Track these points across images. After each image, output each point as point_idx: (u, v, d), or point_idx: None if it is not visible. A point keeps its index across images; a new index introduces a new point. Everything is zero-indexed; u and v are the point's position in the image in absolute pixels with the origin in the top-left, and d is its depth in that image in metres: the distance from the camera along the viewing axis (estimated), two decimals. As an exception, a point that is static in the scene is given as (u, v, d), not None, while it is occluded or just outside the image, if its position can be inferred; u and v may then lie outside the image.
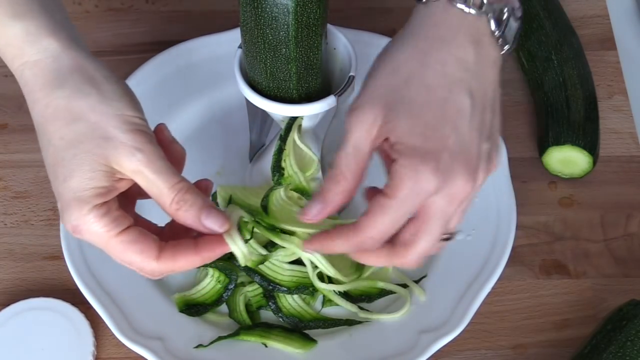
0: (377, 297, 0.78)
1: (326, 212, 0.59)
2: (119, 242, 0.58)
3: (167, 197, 0.57)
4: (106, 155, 0.56)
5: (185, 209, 0.58)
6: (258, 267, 0.76)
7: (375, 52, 0.88)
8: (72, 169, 0.57)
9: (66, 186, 0.57)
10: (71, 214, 0.57)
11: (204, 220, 0.58)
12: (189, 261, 0.59)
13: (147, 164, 0.57)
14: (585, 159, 0.84)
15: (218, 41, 0.89)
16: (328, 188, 0.59)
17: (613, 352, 0.71)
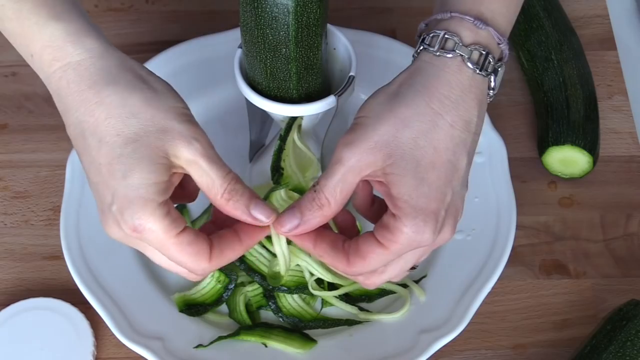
0: (377, 297, 0.78)
1: (300, 230, 0.61)
2: (177, 243, 0.58)
3: (220, 187, 0.58)
4: (165, 147, 0.57)
5: (236, 199, 0.59)
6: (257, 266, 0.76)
7: (375, 52, 0.89)
8: (132, 164, 0.56)
9: (127, 183, 0.56)
10: (134, 213, 0.56)
11: (252, 210, 0.59)
12: (235, 252, 0.61)
13: (203, 153, 0.58)
14: (585, 159, 0.84)
15: (218, 41, 0.89)
16: (308, 208, 0.60)
17: (613, 352, 0.71)
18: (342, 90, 0.71)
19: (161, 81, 0.61)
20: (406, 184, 0.58)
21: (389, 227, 0.59)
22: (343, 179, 0.59)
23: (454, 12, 0.61)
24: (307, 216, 0.60)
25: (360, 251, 0.60)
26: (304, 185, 0.76)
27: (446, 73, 0.60)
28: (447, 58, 0.60)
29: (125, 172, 0.56)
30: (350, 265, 0.61)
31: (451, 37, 0.60)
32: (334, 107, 0.71)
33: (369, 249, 0.60)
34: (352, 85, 0.72)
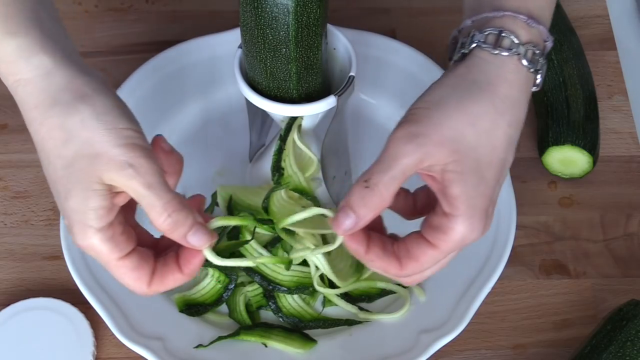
0: (377, 297, 0.78)
1: (358, 227, 0.59)
2: (120, 266, 0.58)
3: (159, 215, 0.57)
4: (98, 172, 0.56)
5: (179, 229, 0.58)
6: (258, 267, 0.76)
7: (375, 52, 0.89)
8: (70, 188, 0.56)
9: (67, 206, 0.57)
10: (76, 235, 0.57)
11: (189, 238, 0.58)
12: (176, 281, 0.60)
13: (138, 179, 0.56)
14: (585, 159, 0.84)
15: (218, 41, 0.89)
16: (363, 204, 0.58)
17: (613, 352, 0.71)
18: (342, 90, 0.71)
19: (109, 99, 0.58)
20: (467, 183, 0.57)
21: (441, 227, 0.58)
22: (401, 173, 0.58)
23: (507, 10, 0.61)
24: (362, 213, 0.58)
25: (411, 254, 0.60)
26: (305, 185, 0.76)
27: (505, 72, 0.60)
28: (504, 56, 0.60)
29: (65, 194, 0.57)
30: (402, 269, 0.60)
31: (507, 36, 0.60)
32: (334, 107, 0.71)
33: (421, 251, 0.59)
34: (352, 85, 0.72)
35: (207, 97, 0.89)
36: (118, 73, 0.90)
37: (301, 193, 0.76)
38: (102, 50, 0.95)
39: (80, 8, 0.98)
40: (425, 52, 0.88)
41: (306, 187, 0.76)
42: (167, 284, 0.60)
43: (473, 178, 0.58)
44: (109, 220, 0.57)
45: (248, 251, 0.76)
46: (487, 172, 0.58)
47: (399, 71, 0.88)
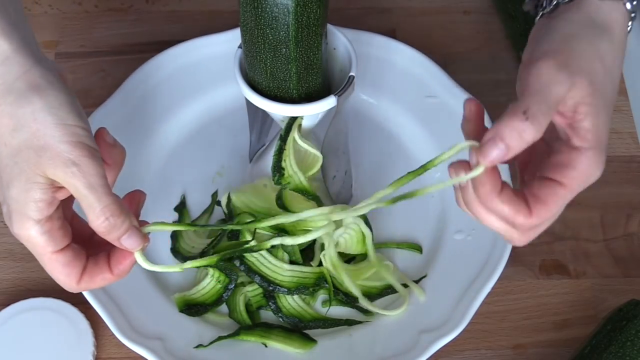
0: (377, 297, 0.78)
1: (505, 158, 0.56)
2: (52, 260, 0.59)
3: (97, 217, 0.57)
4: (43, 166, 0.56)
5: (114, 232, 0.58)
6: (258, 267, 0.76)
7: (375, 52, 0.89)
8: (13, 177, 0.57)
9: (8, 194, 0.57)
10: (14, 223, 0.58)
11: (123, 240, 0.59)
12: (105, 280, 0.61)
13: (81, 178, 0.56)
14: (585, 159, 0.84)
15: (218, 41, 0.89)
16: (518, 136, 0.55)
17: (613, 352, 0.71)
18: (342, 90, 0.71)
19: (63, 94, 0.58)
20: (600, 116, 0.58)
21: (570, 163, 0.57)
22: (556, 102, 0.56)
23: None
24: (513, 144, 0.55)
25: (540, 197, 0.58)
26: (305, 185, 0.76)
27: (616, 14, 0.61)
28: (610, 1, 0.61)
29: (7, 183, 0.57)
30: (532, 215, 0.58)
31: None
32: (334, 107, 0.71)
33: (551, 191, 0.58)
34: (352, 85, 0.72)
35: (207, 97, 0.89)
36: (118, 73, 0.90)
37: (302, 193, 0.76)
38: (102, 50, 0.95)
39: (80, 8, 0.98)
40: (425, 52, 0.88)
41: (307, 187, 0.76)
42: (96, 283, 0.61)
43: (604, 112, 0.58)
44: (48, 213, 0.57)
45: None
46: (609, 108, 0.59)
47: (399, 71, 0.88)
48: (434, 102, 0.86)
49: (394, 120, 0.89)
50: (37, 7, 0.98)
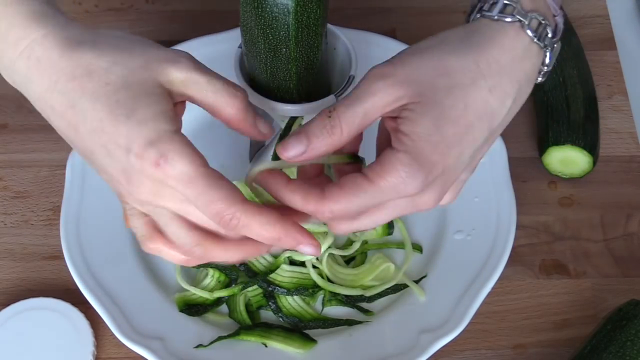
0: (377, 297, 0.78)
1: (306, 157, 0.57)
2: (205, 174, 0.53)
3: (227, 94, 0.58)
4: (154, 77, 0.56)
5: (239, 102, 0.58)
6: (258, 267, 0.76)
7: (375, 52, 0.89)
8: (131, 104, 0.54)
9: (135, 122, 0.53)
10: (154, 146, 0.53)
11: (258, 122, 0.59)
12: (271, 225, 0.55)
13: (193, 67, 0.57)
14: (585, 159, 0.84)
15: (218, 41, 0.89)
16: (318, 134, 0.56)
17: (613, 352, 0.71)
18: (342, 90, 0.71)
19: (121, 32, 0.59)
20: (422, 126, 0.55)
21: (381, 161, 0.56)
22: (366, 111, 0.56)
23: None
24: (315, 144, 0.56)
25: (339, 183, 0.56)
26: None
27: (502, 36, 0.58)
28: (505, 22, 0.59)
29: (128, 114, 0.54)
30: (324, 198, 0.56)
31: (510, 3, 0.59)
32: (334, 107, 0.71)
33: (351, 180, 0.56)
34: (352, 85, 0.72)
35: (207, 97, 0.89)
36: (118, 73, 0.90)
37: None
38: (102, 50, 0.95)
39: (80, 8, 0.98)
40: (425, 52, 0.88)
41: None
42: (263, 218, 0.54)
43: (430, 125, 0.55)
44: (179, 124, 0.55)
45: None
46: (448, 127, 0.56)
47: (399, 71, 0.88)
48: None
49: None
50: (37, 7, 0.98)
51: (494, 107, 0.58)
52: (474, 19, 0.60)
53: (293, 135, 0.57)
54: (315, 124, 0.57)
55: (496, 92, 0.57)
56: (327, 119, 0.56)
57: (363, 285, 0.78)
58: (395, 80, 0.56)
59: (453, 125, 0.56)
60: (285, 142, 0.57)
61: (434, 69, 0.57)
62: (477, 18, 0.60)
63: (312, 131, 0.57)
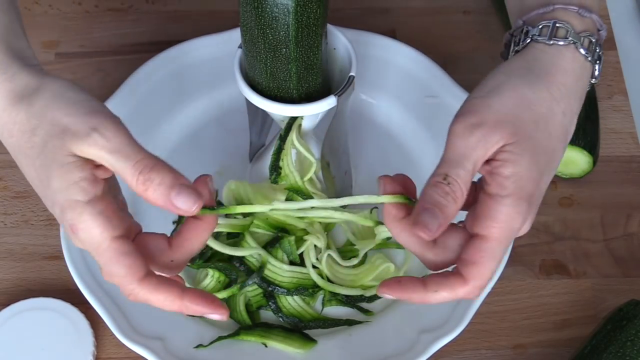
0: (377, 297, 0.78)
1: (444, 227, 0.56)
2: (112, 249, 0.54)
3: (132, 177, 0.54)
4: (68, 145, 0.55)
5: (154, 188, 0.54)
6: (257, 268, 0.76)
7: (375, 52, 0.89)
8: (48, 171, 0.56)
9: (52, 190, 0.56)
10: (66, 215, 0.55)
11: (173, 199, 0.54)
12: (169, 301, 0.55)
13: (104, 143, 0.54)
14: (585, 159, 0.84)
15: (218, 41, 0.89)
16: (445, 204, 0.55)
17: (613, 352, 0.71)
18: (342, 90, 0.71)
19: (67, 82, 0.59)
20: (522, 165, 0.56)
21: (488, 213, 0.56)
22: (475, 164, 0.56)
23: (557, 3, 0.61)
24: (447, 213, 0.55)
25: (468, 260, 0.56)
26: (300, 185, 0.76)
27: (562, 60, 0.60)
28: (560, 46, 0.60)
29: (47, 180, 0.56)
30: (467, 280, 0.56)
31: (562, 26, 0.60)
32: (334, 107, 0.71)
33: (475, 250, 0.56)
34: (352, 85, 0.72)
35: (207, 97, 0.89)
36: (118, 73, 0.90)
37: (296, 192, 0.76)
38: (102, 50, 0.95)
39: (80, 8, 0.98)
40: (425, 52, 0.88)
41: (301, 187, 0.76)
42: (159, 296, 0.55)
43: (529, 162, 0.56)
44: (95, 192, 0.55)
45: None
46: (540, 157, 0.57)
47: (399, 71, 0.88)
48: (434, 102, 0.86)
49: (394, 120, 0.89)
50: (37, 7, 0.98)
51: (567, 127, 0.60)
52: (524, 45, 0.61)
53: (424, 213, 0.55)
54: (437, 195, 0.56)
55: (568, 114, 0.59)
56: (447, 186, 0.56)
57: (363, 285, 0.78)
58: (489, 127, 0.56)
59: (544, 155, 0.58)
60: (421, 222, 0.55)
61: (517, 106, 0.57)
62: (527, 43, 0.61)
63: (439, 202, 0.55)
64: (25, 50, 0.62)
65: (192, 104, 0.89)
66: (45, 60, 0.94)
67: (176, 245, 0.57)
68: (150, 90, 0.86)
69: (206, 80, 0.89)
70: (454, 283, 0.57)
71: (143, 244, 0.57)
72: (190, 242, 0.57)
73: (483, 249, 0.56)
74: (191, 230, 0.57)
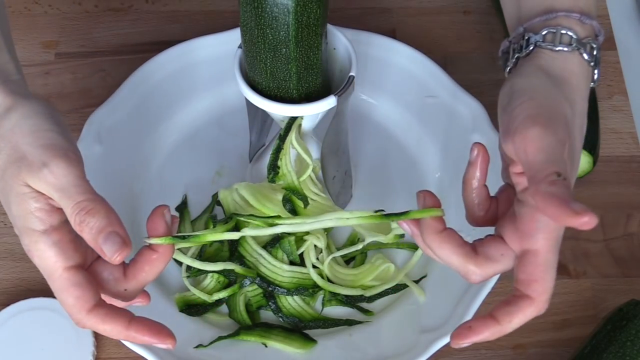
0: (377, 297, 0.78)
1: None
2: (63, 278, 0.56)
3: (70, 216, 0.55)
4: (22, 176, 0.55)
5: (87, 230, 0.55)
6: (257, 268, 0.76)
7: (375, 52, 0.89)
8: (7, 196, 0.56)
9: (11, 215, 0.57)
10: (23, 240, 0.56)
11: (101, 244, 0.55)
12: (116, 331, 0.57)
13: (52, 180, 0.55)
14: (585, 159, 0.84)
15: (218, 41, 0.89)
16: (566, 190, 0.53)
17: (613, 352, 0.71)
18: (342, 90, 0.71)
19: (37, 105, 0.58)
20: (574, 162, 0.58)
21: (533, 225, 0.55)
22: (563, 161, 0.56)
23: (559, 10, 0.63)
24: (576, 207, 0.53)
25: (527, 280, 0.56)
26: (297, 185, 0.76)
27: (571, 65, 0.61)
28: (566, 52, 0.61)
29: (6, 204, 0.57)
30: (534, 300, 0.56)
31: (566, 32, 0.61)
32: (334, 107, 0.71)
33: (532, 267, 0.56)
34: (352, 85, 0.72)
35: (207, 97, 0.89)
36: (118, 73, 0.90)
37: (293, 192, 0.76)
38: (102, 50, 0.95)
39: (80, 8, 0.98)
40: (425, 52, 0.88)
41: (297, 187, 0.76)
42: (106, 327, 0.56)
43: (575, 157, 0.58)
44: (51, 222, 0.56)
45: (247, 251, 0.77)
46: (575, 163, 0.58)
47: (399, 71, 0.88)
48: (434, 102, 0.86)
49: (394, 120, 0.89)
50: (37, 7, 0.98)
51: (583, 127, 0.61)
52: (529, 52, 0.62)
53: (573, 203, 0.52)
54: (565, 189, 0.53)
55: (583, 115, 0.61)
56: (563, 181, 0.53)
57: (363, 285, 0.78)
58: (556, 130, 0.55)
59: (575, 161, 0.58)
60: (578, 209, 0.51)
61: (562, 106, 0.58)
62: (532, 50, 0.62)
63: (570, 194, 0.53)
64: (5, 65, 0.61)
65: (192, 104, 0.89)
66: (45, 60, 0.94)
67: (131, 275, 0.58)
68: (150, 90, 0.86)
69: (206, 80, 0.89)
70: (523, 306, 0.57)
71: (98, 271, 0.58)
72: (145, 274, 0.58)
73: (539, 264, 0.56)
74: (145, 261, 0.58)
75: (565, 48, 0.61)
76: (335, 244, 0.80)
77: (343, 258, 0.80)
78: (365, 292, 0.77)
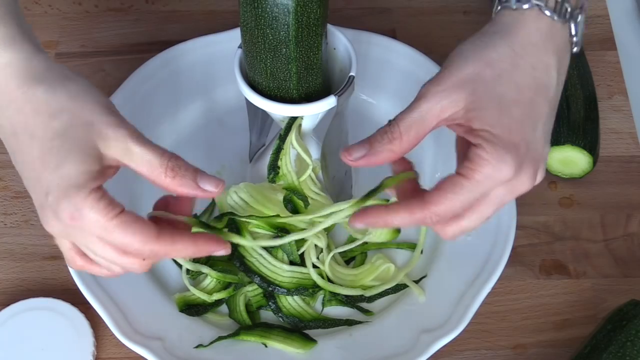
0: (377, 297, 0.78)
1: (368, 161, 0.61)
2: (118, 223, 0.57)
3: (160, 167, 0.58)
4: (93, 139, 0.58)
5: (182, 174, 0.59)
6: (257, 267, 0.76)
7: (375, 52, 0.89)
8: (64, 155, 0.57)
9: (61, 174, 0.57)
10: (69, 201, 0.57)
11: (200, 182, 0.59)
12: (186, 247, 0.60)
13: (131, 137, 0.58)
14: (585, 159, 0.84)
15: (218, 41, 0.89)
16: (379, 140, 0.60)
17: (613, 352, 0.71)
18: (342, 90, 0.71)
19: (85, 80, 0.61)
20: (488, 116, 0.59)
21: (469, 157, 0.59)
22: (422, 115, 0.60)
23: None
24: (376, 147, 0.60)
25: (437, 187, 0.59)
26: (297, 185, 0.76)
27: (525, 21, 0.62)
28: (524, 9, 0.62)
29: (57, 163, 0.57)
30: (427, 203, 0.59)
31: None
32: (334, 107, 0.71)
33: (447, 181, 0.59)
34: (352, 85, 0.72)
35: (206, 97, 0.89)
36: (118, 73, 0.90)
37: (293, 192, 0.76)
38: (102, 50, 0.95)
39: (81, 8, 0.98)
40: (425, 52, 0.88)
41: (297, 187, 0.76)
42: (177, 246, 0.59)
43: (495, 112, 0.59)
44: (101, 182, 0.58)
45: (248, 251, 0.77)
46: (512, 109, 0.59)
47: (399, 71, 0.88)
48: (434, 102, 0.86)
49: (394, 120, 0.89)
50: (37, 7, 0.98)
51: (543, 80, 0.61)
52: (496, 12, 0.64)
53: (357, 143, 0.61)
54: (377, 132, 0.61)
55: (538, 67, 0.61)
56: (387, 126, 0.60)
57: (363, 285, 0.78)
58: (446, 86, 0.60)
59: (516, 106, 0.60)
60: (348, 148, 0.60)
61: (476, 67, 0.60)
62: (498, 10, 0.64)
63: (373, 137, 0.61)
64: (33, 35, 0.63)
65: (192, 103, 0.89)
66: (45, 60, 0.94)
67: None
68: (150, 90, 0.86)
69: (206, 80, 0.89)
70: (413, 206, 0.59)
71: None
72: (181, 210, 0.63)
73: (453, 182, 0.59)
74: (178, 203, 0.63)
75: (525, 5, 0.62)
76: (336, 244, 0.80)
77: (343, 258, 0.80)
78: (365, 292, 0.77)
